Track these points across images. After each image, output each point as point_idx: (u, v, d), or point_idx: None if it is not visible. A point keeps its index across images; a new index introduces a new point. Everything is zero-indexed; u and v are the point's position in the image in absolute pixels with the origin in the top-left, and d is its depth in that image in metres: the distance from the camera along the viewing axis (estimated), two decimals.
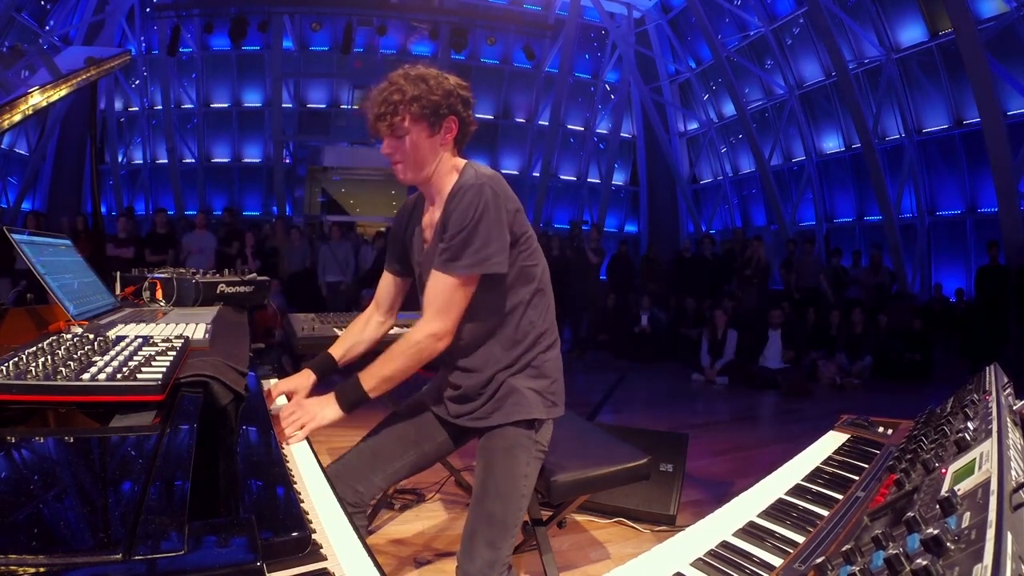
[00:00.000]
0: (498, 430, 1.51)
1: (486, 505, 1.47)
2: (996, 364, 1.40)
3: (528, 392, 1.51)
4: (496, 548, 1.44)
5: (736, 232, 9.84)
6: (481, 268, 1.41)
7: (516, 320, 1.52)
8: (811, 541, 0.96)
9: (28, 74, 2.24)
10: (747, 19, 12.31)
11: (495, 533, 1.45)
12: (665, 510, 2.78)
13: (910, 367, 7.09)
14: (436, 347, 1.47)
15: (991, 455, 0.79)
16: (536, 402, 1.52)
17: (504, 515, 1.46)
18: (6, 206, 11.99)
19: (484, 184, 1.40)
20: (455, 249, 1.41)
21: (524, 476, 1.50)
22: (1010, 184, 8.04)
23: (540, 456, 1.55)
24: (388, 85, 1.44)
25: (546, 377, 1.55)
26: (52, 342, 1.05)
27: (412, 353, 1.46)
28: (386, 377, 1.48)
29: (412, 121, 1.42)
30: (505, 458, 1.50)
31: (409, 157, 1.46)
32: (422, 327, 1.47)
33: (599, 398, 4.10)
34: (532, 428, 1.52)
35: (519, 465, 1.50)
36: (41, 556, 0.52)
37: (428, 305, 1.47)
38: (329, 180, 14.79)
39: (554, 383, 1.57)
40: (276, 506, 0.88)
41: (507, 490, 1.48)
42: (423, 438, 1.66)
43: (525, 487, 1.50)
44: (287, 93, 13.68)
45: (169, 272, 2.31)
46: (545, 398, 1.54)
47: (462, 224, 1.40)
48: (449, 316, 1.45)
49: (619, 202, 16.12)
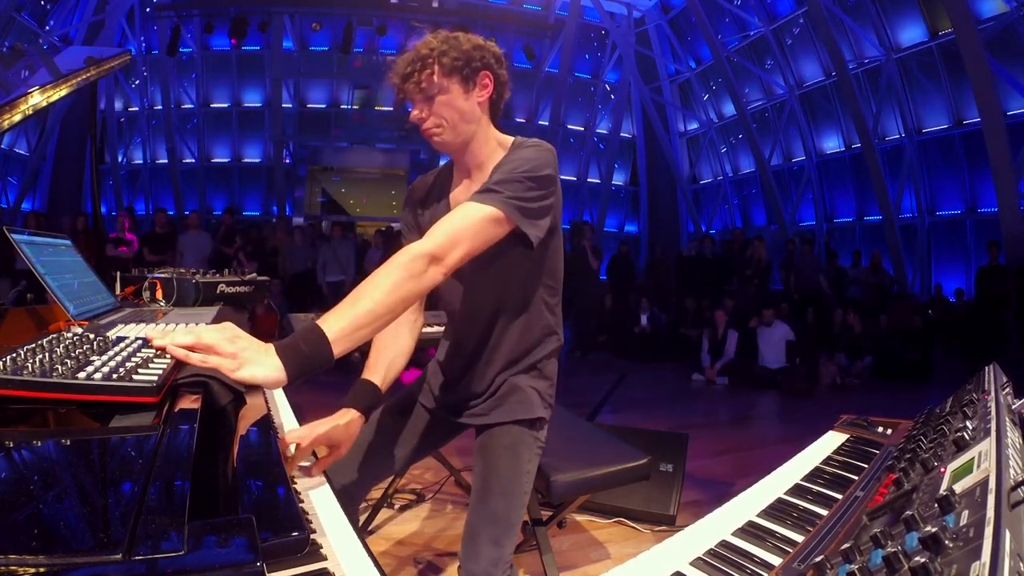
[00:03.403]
0: (499, 428, 1.48)
1: (490, 504, 1.42)
2: (995, 364, 1.40)
3: (530, 391, 1.50)
4: (501, 546, 1.41)
5: (736, 232, 9.84)
6: (519, 213, 1.23)
7: (534, 319, 1.48)
8: (810, 540, 0.96)
9: (28, 74, 2.24)
10: (747, 19, 12.31)
11: (499, 531, 1.41)
12: (665, 510, 2.78)
13: (910, 367, 7.09)
14: (428, 273, 1.14)
15: (990, 454, 0.79)
16: (537, 401, 1.51)
17: (508, 513, 1.43)
18: (6, 206, 12.00)
19: (550, 148, 1.34)
20: (498, 183, 1.23)
21: (527, 473, 1.49)
22: (1010, 184, 8.05)
23: (540, 453, 1.54)
24: (415, 47, 1.31)
25: (547, 379, 1.54)
26: (51, 341, 1.06)
27: (397, 275, 1.11)
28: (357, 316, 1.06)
29: (443, 75, 1.29)
30: (508, 456, 1.47)
31: (444, 118, 1.31)
32: (415, 246, 1.16)
33: (599, 398, 4.10)
34: (534, 427, 1.50)
35: (522, 463, 1.47)
36: (41, 556, 0.52)
37: (434, 229, 1.20)
38: (329, 180, 14.80)
39: (551, 386, 1.56)
40: (276, 506, 0.88)
41: (511, 488, 1.45)
42: (414, 434, 1.61)
43: (527, 484, 1.49)
44: (287, 93, 13.69)
45: (169, 272, 2.31)
46: (544, 399, 1.53)
47: (514, 168, 1.26)
48: (455, 246, 1.17)
49: (619, 202, 16.12)
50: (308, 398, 5.80)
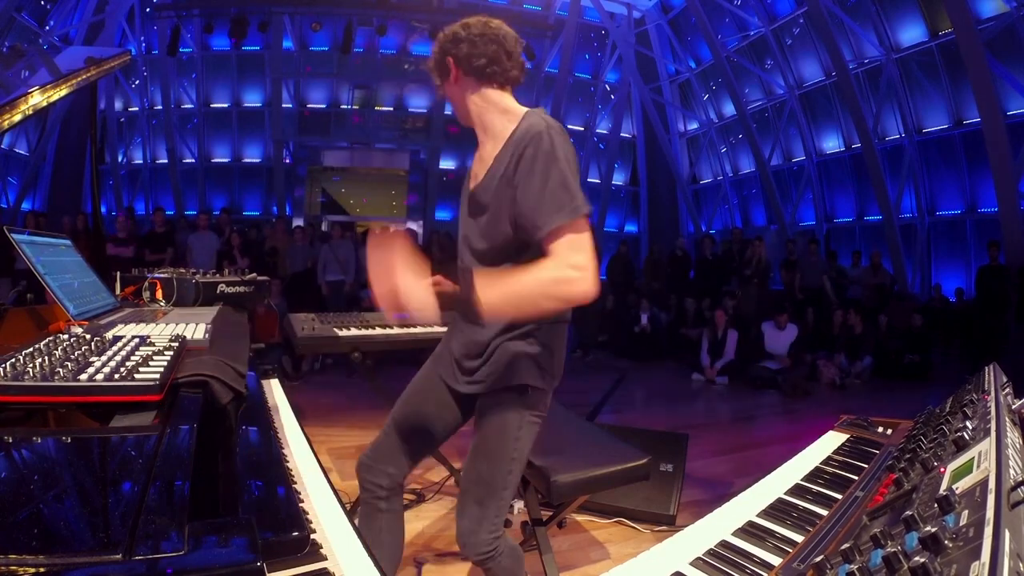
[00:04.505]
0: (492, 394, 1.53)
1: (475, 465, 1.53)
2: (995, 364, 1.40)
3: (523, 358, 1.51)
4: (484, 507, 1.51)
5: (735, 232, 9.84)
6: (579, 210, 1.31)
7: None
8: (810, 540, 0.96)
9: (28, 74, 2.24)
10: (747, 19, 12.31)
11: (482, 491, 1.52)
12: (665, 510, 2.78)
13: (910, 367, 7.10)
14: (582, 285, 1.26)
15: (989, 454, 0.79)
16: (529, 368, 1.51)
17: (491, 475, 1.51)
18: (6, 206, 12.00)
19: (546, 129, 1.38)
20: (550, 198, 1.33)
21: (515, 439, 1.52)
22: (1010, 184, 8.05)
23: (534, 421, 1.56)
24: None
25: (543, 347, 1.53)
26: (50, 342, 1.06)
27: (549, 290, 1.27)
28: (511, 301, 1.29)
29: (434, 72, 1.56)
30: (494, 420, 1.52)
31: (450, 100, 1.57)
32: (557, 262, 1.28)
33: (599, 398, 4.10)
34: (524, 394, 1.52)
35: (508, 427, 1.52)
36: (41, 556, 0.52)
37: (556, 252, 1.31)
38: (329, 180, 14.80)
39: (550, 356, 1.54)
40: (276, 506, 0.88)
41: (496, 451, 1.51)
42: (440, 410, 1.67)
43: (515, 451, 1.52)
44: (287, 93, 13.69)
45: (169, 272, 2.31)
46: (540, 366, 1.52)
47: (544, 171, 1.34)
48: (584, 253, 1.29)
49: (619, 202, 16.12)
50: (308, 398, 5.80)
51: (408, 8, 11.75)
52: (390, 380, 2.66)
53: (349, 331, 2.51)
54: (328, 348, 2.81)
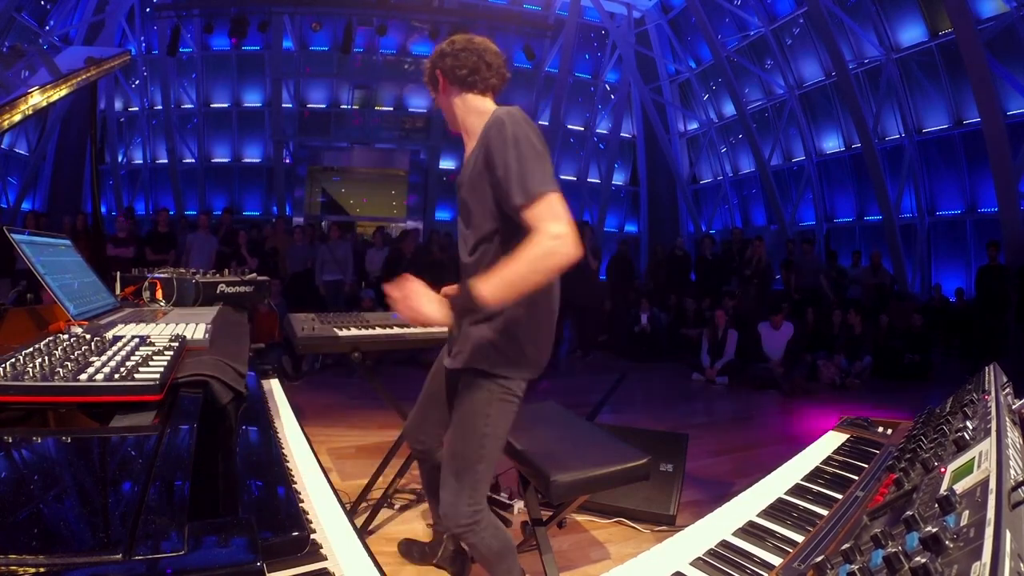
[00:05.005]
0: (464, 372, 1.61)
1: (451, 440, 1.64)
2: (995, 364, 1.40)
3: (484, 343, 1.56)
4: (460, 479, 1.59)
5: (735, 232, 9.84)
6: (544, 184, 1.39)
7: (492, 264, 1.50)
8: (810, 540, 0.96)
9: (28, 74, 2.24)
10: (747, 19, 12.31)
11: (457, 465, 1.60)
12: (665, 510, 2.78)
13: (910, 367, 7.09)
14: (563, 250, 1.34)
15: (990, 454, 0.79)
16: (488, 354, 1.56)
17: (464, 450, 1.59)
18: (6, 206, 12.00)
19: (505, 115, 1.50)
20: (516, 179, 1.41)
21: (485, 416, 1.58)
22: (1010, 184, 8.05)
23: (505, 400, 1.60)
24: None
25: (504, 334, 1.55)
26: (50, 342, 1.06)
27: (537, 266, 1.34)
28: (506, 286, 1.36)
29: (428, 83, 1.73)
30: (464, 397, 1.62)
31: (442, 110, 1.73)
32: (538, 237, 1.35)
33: (599, 398, 4.10)
34: (488, 378, 1.58)
35: (477, 405, 1.59)
36: (41, 556, 0.52)
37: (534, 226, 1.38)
38: (329, 180, 14.81)
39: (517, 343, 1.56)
40: (276, 506, 0.88)
41: (466, 426, 1.60)
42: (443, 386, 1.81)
43: (487, 427, 1.58)
44: (287, 93, 13.68)
45: (169, 272, 2.31)
46: (500, 352, 1.56)
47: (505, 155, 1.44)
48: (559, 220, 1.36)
49: (619, 202, 16.12)
50: (308, 398, 5.79)
51: (408, 8, 11.75)
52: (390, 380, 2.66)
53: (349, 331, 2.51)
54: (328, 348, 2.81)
